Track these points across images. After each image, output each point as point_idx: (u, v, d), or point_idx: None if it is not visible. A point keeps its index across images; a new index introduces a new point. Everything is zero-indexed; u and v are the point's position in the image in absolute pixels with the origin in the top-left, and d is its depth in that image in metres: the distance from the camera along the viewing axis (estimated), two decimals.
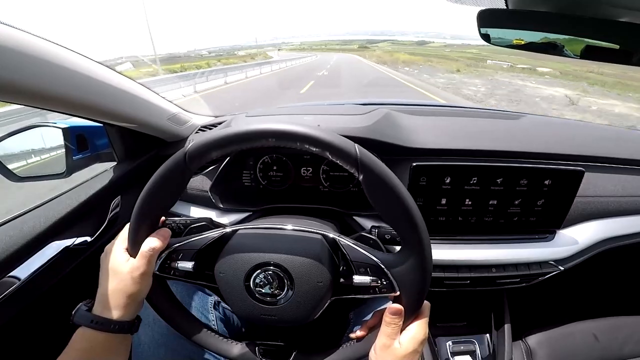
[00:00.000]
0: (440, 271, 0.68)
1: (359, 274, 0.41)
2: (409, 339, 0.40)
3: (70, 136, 0.66)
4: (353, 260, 0.41)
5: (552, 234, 0.69)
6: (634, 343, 0.67)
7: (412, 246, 0.38)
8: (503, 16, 0.55)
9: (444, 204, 0.65)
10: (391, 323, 0.40)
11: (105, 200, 0.68)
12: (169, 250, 0.43)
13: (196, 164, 0.39)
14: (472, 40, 31.68)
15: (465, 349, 0.75)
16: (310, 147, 0.36)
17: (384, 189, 0.36)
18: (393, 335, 0.40)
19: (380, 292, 0.40)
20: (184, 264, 0.43)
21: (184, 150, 0.38)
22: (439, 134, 0.73)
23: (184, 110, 0.83)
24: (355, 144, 0.37)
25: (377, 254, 0.41)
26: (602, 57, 0.52)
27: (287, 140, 0.36)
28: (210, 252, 0.43)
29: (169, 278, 0.45)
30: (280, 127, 0.36)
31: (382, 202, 0.37)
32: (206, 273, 0.44)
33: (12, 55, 0.42)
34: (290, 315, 0.41)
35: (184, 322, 0.48)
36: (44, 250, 0.56)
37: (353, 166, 0.36)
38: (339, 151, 0.36)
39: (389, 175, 0.36)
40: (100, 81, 0.57)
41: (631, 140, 0.85)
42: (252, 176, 0.77)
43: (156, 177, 0.39)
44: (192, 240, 0.43)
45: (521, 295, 0.82)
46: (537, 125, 0.88)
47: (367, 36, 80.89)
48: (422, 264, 0.38)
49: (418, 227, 0.37)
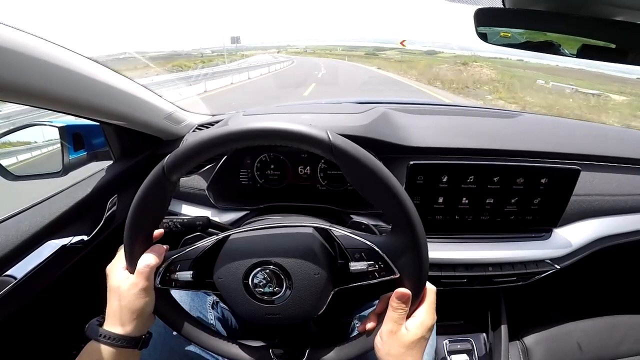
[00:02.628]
0: (437, 270, 0.68)
1: (355, 260, 0.40)
2: (416, 324, 0.39)
3: (66, 135, 0.66)
4: (347, 247, 0.41)
5: (548, 232, 0.70)
6: (631, 342, 0.67)
7: (401, 224, 0.38)
8: (500, 15, 0.55)
9: (441, 203, 0.65)
10: (398, 308, 0.39)
11: (102, 199, 0.68)
12: (166, 264, 0.43)
13: (176, 176, 0.39)
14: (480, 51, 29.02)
15: (462, 347, 0.76)
16: (284, 141, 0.36)
17: (363, 170, 0.36)
18: (400, 320, 0.39)
19: (380, 276, 0.40)
20: (183, 274, 0.43)
21: (162, 163, 0.38)
22: (436, 132, 0.73)
23: (181, 109, 0.83)
24: (327, 130, 0.36)
25: (369, 237, 0.41)
26: (599, 55, 0.52)
27: (261, 139, 0.37)
28: (207, 259, 0.44)
29: (172, 288, 0.45)
30: (257, 126, 0.36)
31: (364, 184, 0.37)
32: (207, 281, 0.44)
33: (9, 54, 0.41)
34: (295, 312, 0.41)
35: (195, 331, 0.47)
36: (40, 249, 0.56)
37: (329, 153, 0.36)
38: (312, 140, 0.36)
39: (366, 156, 0.36)
40: (97, 80, 0.57)
41: (627, 139, 0.85)
42: (250, 175, 0.77)
43: (140, 194, 0.40)
44: (187, 250, 0.43)
45: (518, 294, 0.83)
46: (534, 124, 0.88)
47: (374, 43, 78.61)
48: (415, 241, 0.38)
49: (404, 204, 0.36)
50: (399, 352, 0.38)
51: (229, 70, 14.04)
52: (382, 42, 72.25)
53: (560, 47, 0.55)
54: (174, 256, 0.43)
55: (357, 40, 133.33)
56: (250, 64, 18.42)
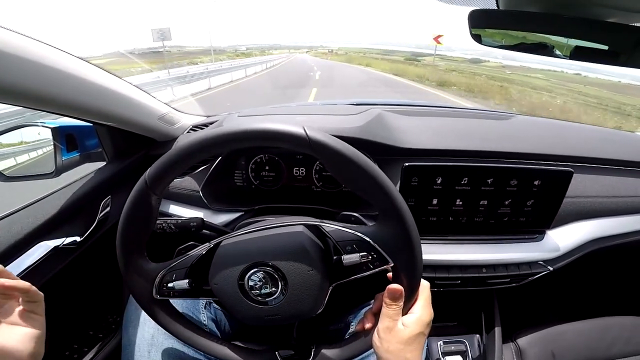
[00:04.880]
0: (431, 271, 0.68)
1: (347, 252, 0.40)
2: (413, 320, 0.39)
3: (59, 136, 0.66)
4: (338, 240, 0.41)
5: (541, 234, 0.70)
6: (622, 343, 0.68)
7: (388, 211, 0.37)
8: (494, 16, 0.55)
9: (435, 204, 0.65)
10: (391, 304, 0.39)
11: (95, 200, 0.68)
12: (161, 274, 0.43)
13: (159, 188, 0.39)
14: (528, 62, 23.76)
15: (456, 349, 0.76)
16: (263, 141, 0.36)
17: (344, 162, 0.36)
18: (395, 316, 0.39)
19: (375, 267, 0.40)
20: (179, 283, 0.43)
21: (144, 176, 0.38)
22: (430, 134, 0.73)
23: (175, 110, 0.83)
24: (303, 125, 0.36)
25: (358, 228, 0.41)
26: (592, 57, 0.52)
27: (243, 141, 0.36)
28: (202, 266, 0.44)
29: (170, 298, 0.45)
30: (233, 129, 0.36)
31: (347, 177, 0.37)
32: (204, 288, 0.45)
33: (0, 55, 0.41)
34: (293, 311, 0.41)
35: (199, 338, 0.48)
36: (32, 250, 0.56)
37: (308, 148, 0.36)
38: (289, 137, 0.35)
39: (345, 147, 0.36)
40: (90, 81, 0.56)
41: (620, 142, 0.85)
42: (244, 176, 0.77)
43: (126, 208, 0.40)
44: (181, 260, 0.44)
45: (511, 296, 0.83)
46: (527, 126, 0.88)
47: (411, 48, 73.77)
48: (405, 228, 0.37)
49: (388, 190, 0.36)
50: (398, 348, 0.38)
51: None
52: (417, 48, 64.17)
53: (554, 48, 0.55)
54: (167, 267, 0.44)
55: (394, 44, 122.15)
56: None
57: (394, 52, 52.43)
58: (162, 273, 0.43)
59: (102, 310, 0.82)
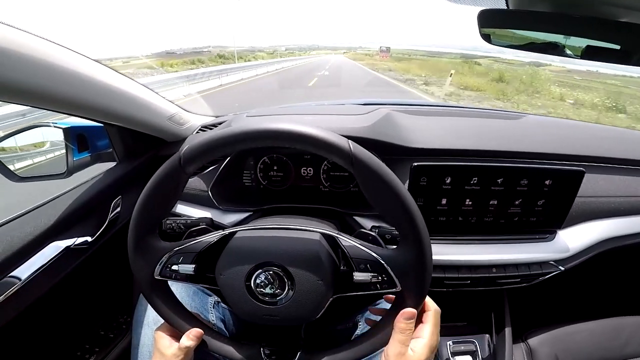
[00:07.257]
0: (440, 271, 0.68)
1: (359, 270, 0.41)
2: (422, 345, 0.39)
3: (70, 136, 0.66)
4: (353, 257, 0.41)
5: (552, 234, 0.69)
6: (637, 344, 0.67)
7: (410, 240, 0.38)
8: (504, 16, 0.55)
9: (445, 204, 0.65)
10: (406, 329, 0.39)
11: (106, 201, 0.68)
12: (169, 254, 0.43)
13: (192, 168, 0.39)
14: (593, 66, 14.00)
15: (465, 349, 0.75)
16: (305, 145, 0.36)
17: (379, 183, 0.36)
18: (407, 342, 0.39)
19: (381, 288, 0.40)
20: (185, 267, 0.43)
21: (178, 154, 0.38)
22: (439, 134, 0.73)
23: (185, 110, 0.83)
24: (348, 140, 0.37)
25: (376, 249, 0.41)
26: (603, 57, 0.52)
27: (284, 140, 0.37)
28: (211, 254, 0.43)
29: (170, 280, 0.45)
30: (278, 126, 0.36)
31: (378, 196, 0.37)
32: (207, 275, 0.44)
33: (13, 55, 0.42)
34: (293, 315, 0.41)
35: (184, 324, 0.47)
36: (44, 250, 0.56)
37: (347, 162, 0.36)
38: (332, 147, 0.36)
39: (383, 169, 0.36)
40: (101, 81, 0.57)
41: (632, 141, 0.85)
42: (253, 176, 0.77)
43: (153, 182, 0.40)
44: (192, 243, 0.43)
45: (522, 296, 0.82)
46: (538, 126, 0.88)
47: (458, 50, 63.03)
48: (422, 258, 0.38)
49: (415, 221, 0.37)
50: None
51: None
52: (464, 49, 54.30)
53: (565, 48, 0.55)
54: (177, 247, 0.43)
55: (438, 46, 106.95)
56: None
57: (442, 54, 45.68)
58: (170, 254, 0.43)
59: (113, 310, 0.82)
